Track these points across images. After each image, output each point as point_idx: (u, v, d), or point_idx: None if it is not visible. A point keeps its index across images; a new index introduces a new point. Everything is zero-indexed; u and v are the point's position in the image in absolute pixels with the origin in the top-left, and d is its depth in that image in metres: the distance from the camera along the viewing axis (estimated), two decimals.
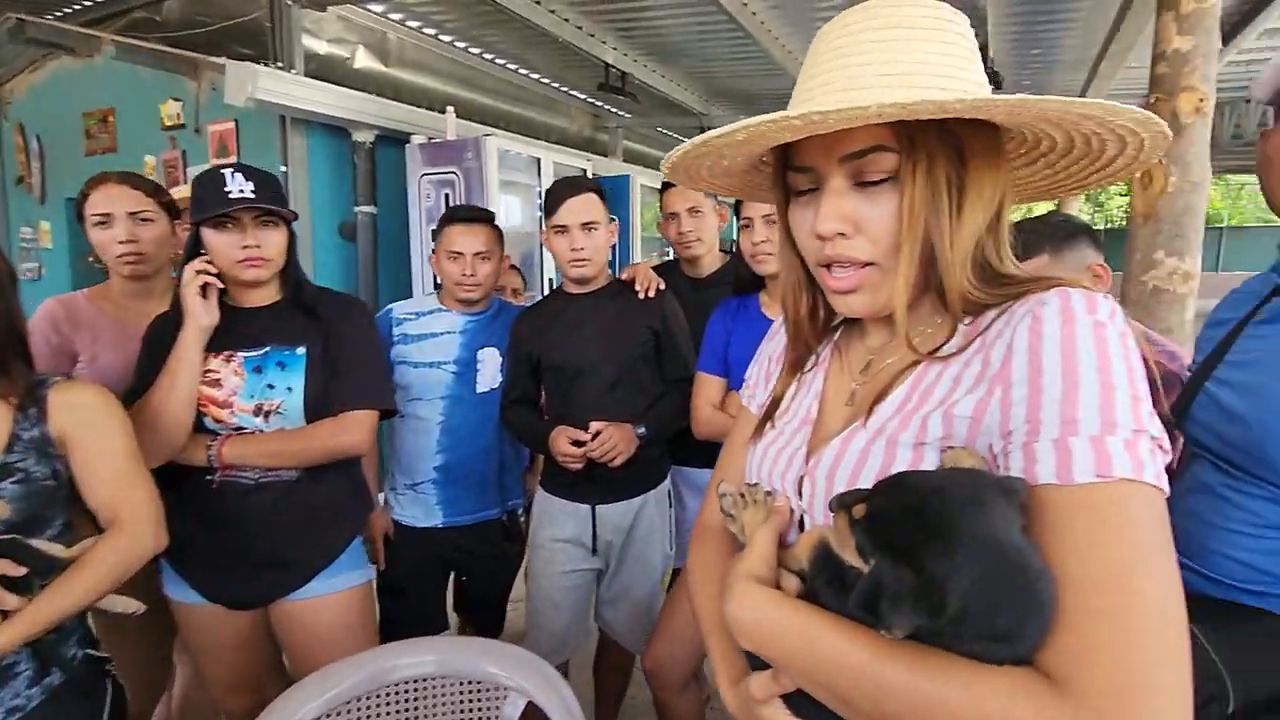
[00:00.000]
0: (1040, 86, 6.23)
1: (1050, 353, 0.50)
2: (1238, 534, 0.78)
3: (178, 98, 3.65)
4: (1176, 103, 1.76)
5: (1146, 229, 1.81)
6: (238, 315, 1.33)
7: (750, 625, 0.56)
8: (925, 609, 0.44)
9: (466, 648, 1.17)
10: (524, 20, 4.05)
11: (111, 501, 1.02)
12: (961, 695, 0.44)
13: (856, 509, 0.49)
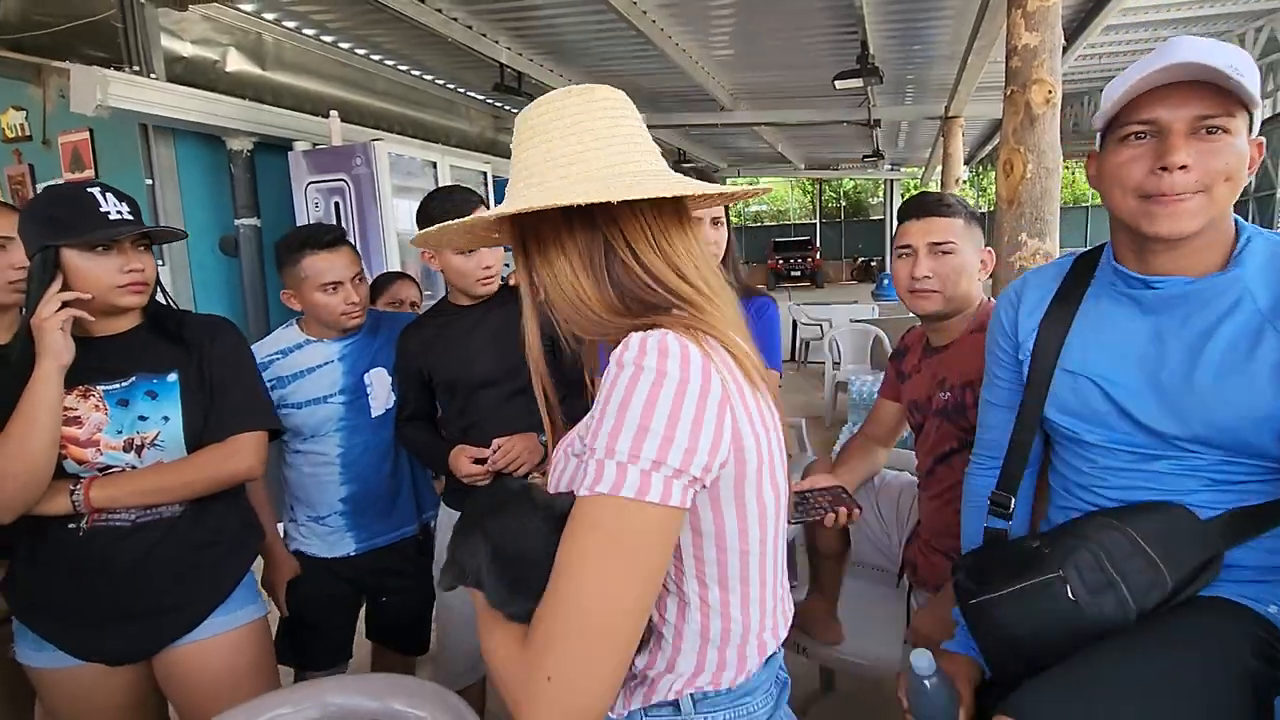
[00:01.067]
0: (922, 80, 6.61)
1: (606, 388, 0.63)
2: None
3: (20, 106, 3.31)
4: (1030, 94, 1.89)
5: (1010, 213, 1.94)
6: (90, 346, 1.20)
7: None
8: (456, 575, 0.67)
9: (358, 686, 1.11)
10: (410, 20, 3.91)
11: None
12: (501, 652, 0.64)
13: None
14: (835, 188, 26.19)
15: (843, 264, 23.44)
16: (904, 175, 17.14)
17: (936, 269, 1.30)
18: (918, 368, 1.44)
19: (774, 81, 6.38)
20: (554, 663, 0.58)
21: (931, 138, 10.04)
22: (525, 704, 0.59)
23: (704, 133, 9.24)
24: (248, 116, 3.23)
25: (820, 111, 7.33)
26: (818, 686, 2.26)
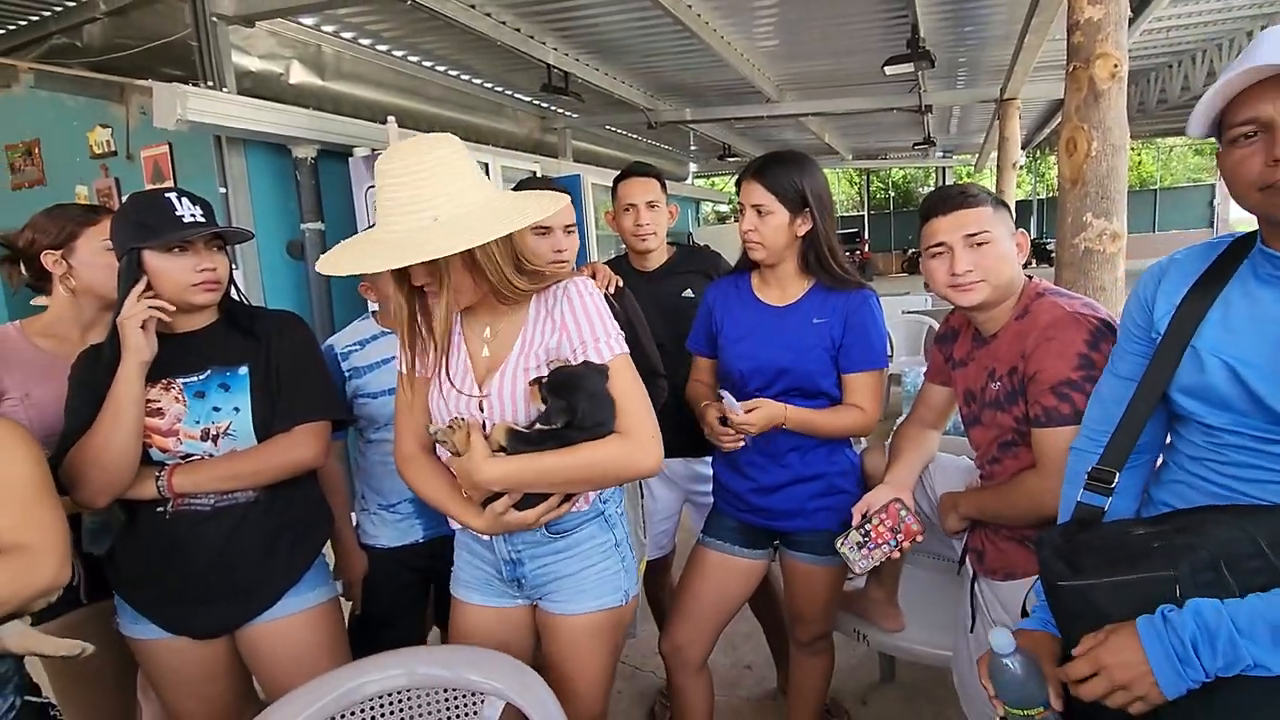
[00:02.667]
0: (975, 62, 6.42)
1: (579, 309, 1.16)
2: None
3: (106, 124, 3.53)
4: (1093, 69, 1.83)
5: (1074, 193, 1.88)
6: (171, 341, 1.29)
7: (501, 477, 1.10)
8: (568, 415, 1.08)
9: (436, 656, 1.17)
10: (461, 25, 4.01)
11: (13, 532, 0.96)
12: (597, 452, 1.10)
13: (538, 382, 1.11)
14: (883, 178, 25.59)
15: (892, 256, 22.88)
16: (956, 162, 16.61)
17: (978, 261, 1.26)
18: (971, 356, 1.40)
19: (821, 70, 6.30)
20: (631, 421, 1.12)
21: (985, 122, 9.72)
22: (641, 443, 1.12)
23: (748, 126, 9.17)
24: (311, 126, 3.37)
25: (869, 99, 7.19)
26: (878, 676, 2.24)
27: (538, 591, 1.26)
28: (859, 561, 1.38)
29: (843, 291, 1.52)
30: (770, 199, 1.47)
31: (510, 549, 1.23)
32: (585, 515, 1.24)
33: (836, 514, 1.53)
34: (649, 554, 2.06)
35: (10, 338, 1.50)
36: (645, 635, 2.39)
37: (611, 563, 1.26)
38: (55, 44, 3.84)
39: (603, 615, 1.25)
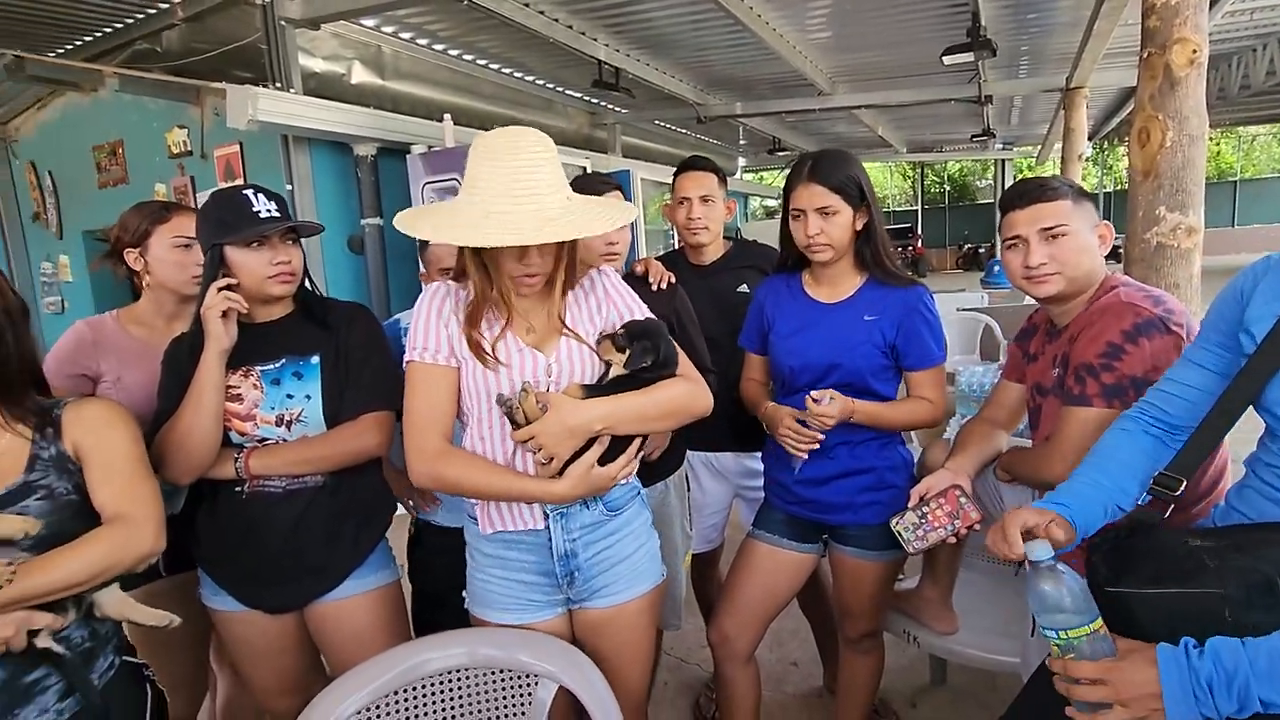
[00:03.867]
0: (1039, 50, 6.17)
1: (617, 285, 1.29)
2: None
3: (183, 125, 3.73)
4: (1170, 56, 1.74)
5: (1146, 185, 1.80)
6: (251, 331, 1.36)
7: (604, 414, 1.14)
8: (654, 355, 1.18)
9: (497, 638, 1.21)
10: (515, 24, 4.08)
11: (115, 502, 1.05)
12: (674, 388, 1.20)
13: (610, 336, 1.21)
14: (938, 171, 24.83)
15: (946, 251, 22.21)
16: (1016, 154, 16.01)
17: (1054, 254, 1.26)
18: (1042, 349, 1.39)
19: (875, 62, 6.16)
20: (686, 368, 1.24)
21: (1049, 112, 9.34)
22: (699, 382, 1.23)
23: (799, 119, 9.04)
24: (372, 124, 3.48)
25: (925, 90, 6.99)
26: (928, 678, 2.21)
27: (587, 588, 1.25)
28: (913, 542, 1.36)
29: (895, 289, 1.50)
30: (835, 199, 1.45)
31: (567, 538, 1.22)
32: (629, 491, 1.29)
33: (887, 509, 1.51)
34: (696, 547, 2.07)
35: (107, 326, 1.61)
36: (691, 628, 2.41)
37: (654, 541, 1.33)
38: (137, 49, 4.05)
39: (653, 593, 1.31)
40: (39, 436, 1.03)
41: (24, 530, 0.97)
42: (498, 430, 1.19)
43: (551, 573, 1.24)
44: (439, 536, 1.77)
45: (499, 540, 1.24)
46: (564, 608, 1.28)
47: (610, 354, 1.20)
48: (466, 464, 1.17)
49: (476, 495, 1.21)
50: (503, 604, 1.25)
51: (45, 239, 4.47)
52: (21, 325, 1.03)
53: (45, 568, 0.96)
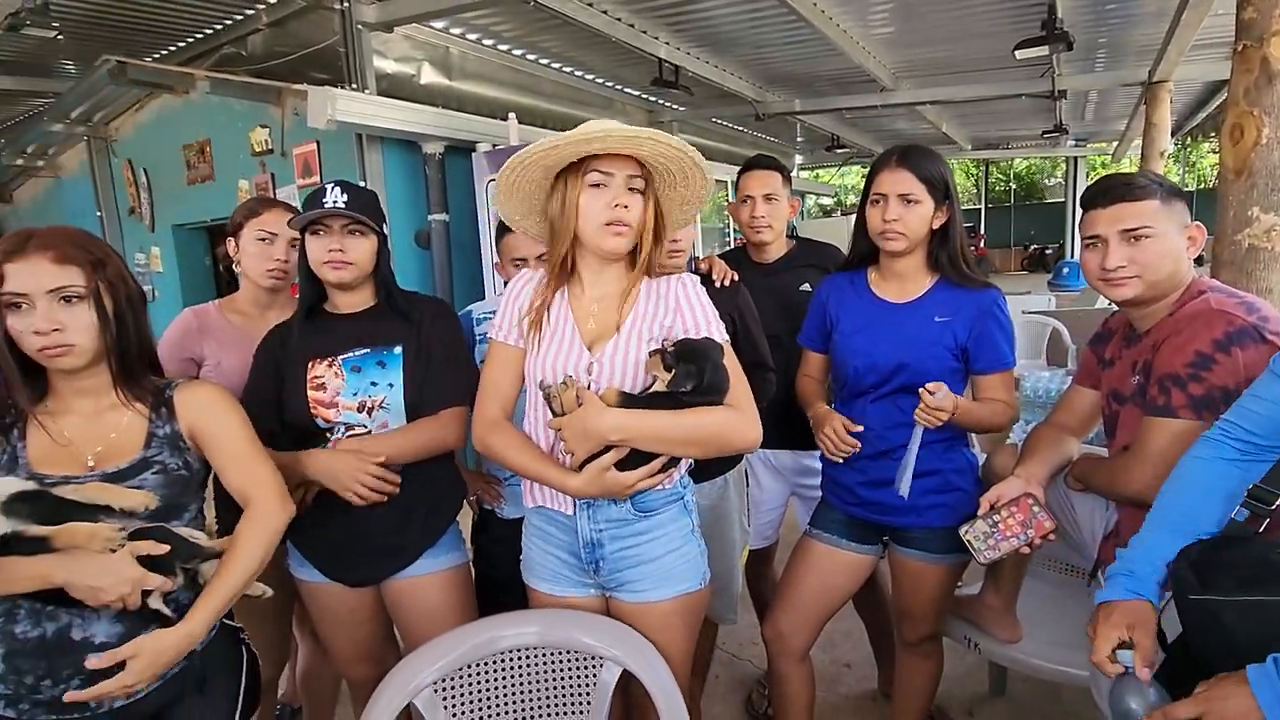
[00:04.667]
0: (1118, 42, 5.89)
1: (693, 296, 1.26)
2: None
3: (265, 124, 3.93)
4: (1268, 49, 1.66)
5: (1239, 185, 1.72)
6: (338, 322, 1.45)
7: (619, 424, 1.13)
8: (696, 380, 1.13)
9: (567, 619, 1.26)
10: (578, 23, 4.14)
11: (242, 485, 1.15)
12: (708, 416, 1.16)
13: (661, 352, 1.17)
14: (1004, 169, 23.89)
15: (1011, 252, 21.36)
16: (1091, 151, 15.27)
17: (1134, 256, 1.21)
18: (1119, 354, 1.34)
19: (941, 57, 5.99)
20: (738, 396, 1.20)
21: (1127, 107, 8.89)
22: (747, 416, 1.20)
23: (859, 116, 8.86)
24: (440, 123, 3.60)
25: (994, 85, 6.76)
26: (987, 687, 2.16)
27: (613, 579, 1.27)
28: (985, 552, 1.34)
29: (968, 291, 1.48)
30: (920, 188, 1.44)
31: (593, 528, 1.24)
32: (668, 496, 1.26)
33: (951, 511, 1.50)
34: (752, 543, 2.08)
35: (210, 314, 1.74)
36: (744, 625, 2.42)
37: (691, 547, 1.30)
38: (225, 53, 4.30)
39: (685, 599, 1.27)
40: (155, 415, 1.12)
41: (145, 504, 1.06)
42: (542, 415, 1.24)
43: (579, 556, 1.28)
44: (502, 527, 1.83)
45: (541, 514, 1.31)
46: (596, 591, 1.31)
47: (656, 369, 1.17)
48: (510, 439, 1.25)
49: (512, 470, 1.28)
50: (541, 573, 1.32)
51: (139, 232, 4.78)
52: (140, 311, 1.12)
53: (228, 575, 1.07)
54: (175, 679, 1.09)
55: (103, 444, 1.07)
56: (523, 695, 1.22)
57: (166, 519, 1.08)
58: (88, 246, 1.05)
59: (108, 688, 0.97)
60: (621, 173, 1.18)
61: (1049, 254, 19.18)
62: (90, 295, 1.03)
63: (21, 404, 1.04)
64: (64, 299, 1.01)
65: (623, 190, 1.18)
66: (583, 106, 5.83)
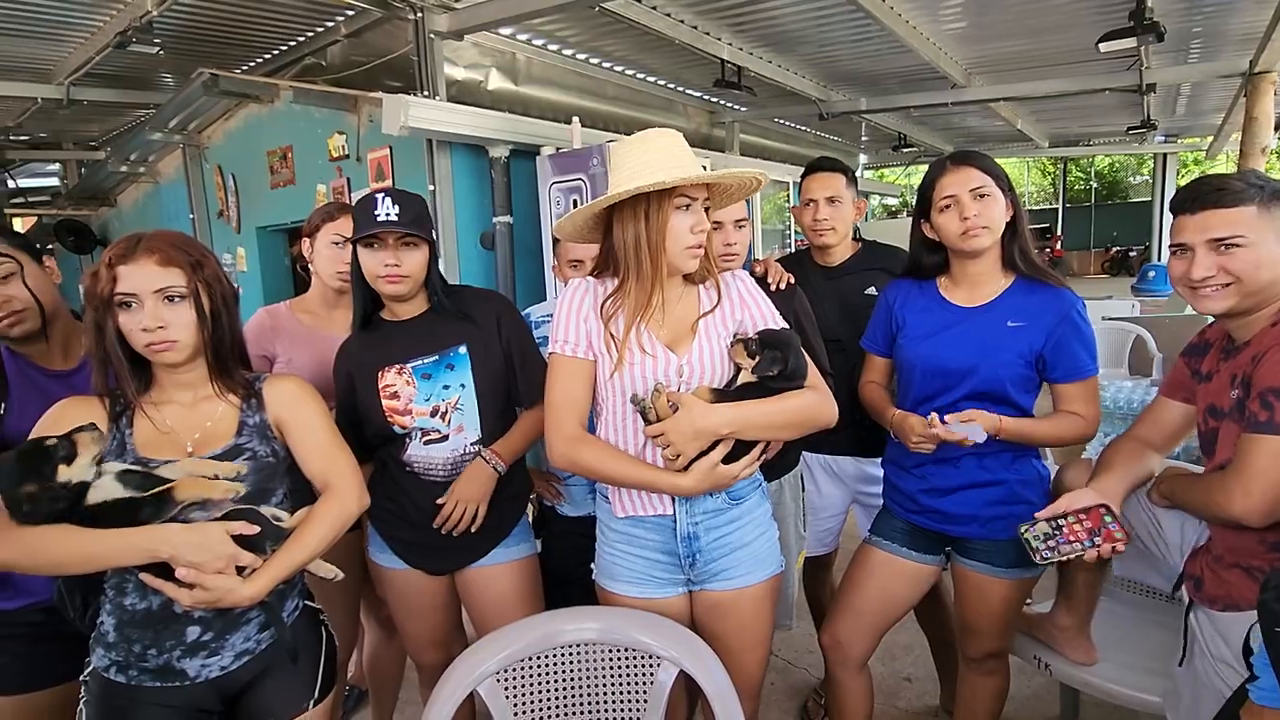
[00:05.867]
0: (1215, 32, 5.52)
1: (752, 291, 1.35)
2: None
3: (342, 131, 4.11)
4: None
5: None
6: (398, 329, 1.50)
7: (728, 419, 1.19)
8: (781, 365, 1.21)
9: (626, 618, 1.28)
10: (641, 26, 4.17)
11: (323, 472, 1.22)
12: (800, 399, 1.25)
13: (744, 342, 1.25)
14: (1083, 166, 22.71)
15: (1090, 254, 20.28)
16: (1181, 148, 14.33)
17: (1225, 265, 1.14)
18: (1216, 368, 1.26)
19: (1018, 51, 5.74)
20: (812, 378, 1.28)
21: (1225, 100, 8.31)
22: (826, 395, 1.27)
23: (927, 114, 8.58)
24: (506, 128, 3.69)
25: (1075, 80, 6.43)
26: (1057, 711, 2.07)
27: (708, 570, 1.31)
28: (1042, 551, 1.29)
29: (1045, 294, 1.43)
30: (988, 180, 1.41)
31: (690, 521, 1.29)
32: (752, 482, 1.33)
33: (1018, 524, 1.45)
34: (810, 549, 2.06)
35: (281, 314, 1.84)
36: (800, 632, 2.40)
37: (774, 531, 1.38)
38: (306, 64, 4.52)
39: (771, 581, 1.35)
40: (246, 406, 1.20)
41: (238, 471, 1.13)
42: (629, 422, 1.26)
43: (675, 553, 1.31)
44: (561, 523, 1.88)
45: (628, 521, 1.32)
46: (685, 588, 1.34)
47: (741, 358, 1.25)
48: (600, 451, 1.26)
49: (608, 481, 1.29)
50: (627, 578, 1.34)
51: (227, 233, 5.08)
52: (233, 309, 1.20)
53: (294, 548, 1.13)
54: (265, 653, 1.16)
55: (200, 431, 1.15)
56: (581, 689, 1.25)
57: (255, 503, 1.15)
58: (188, 249, 1.13)
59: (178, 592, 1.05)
60: (701, 196, 1.24)
61: (1133, 256, 18.12)
62: (190, 295, 1.11)
63: (129, 395, 1.13)
64: (168, 298, 1.09)
65: (702, 213, 1.23)
66: (644, 109, 5.86)
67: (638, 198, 1.20)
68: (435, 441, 1.47)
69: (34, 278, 1.32)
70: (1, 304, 1.27)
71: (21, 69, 4.55)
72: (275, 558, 1.11)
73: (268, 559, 1.11)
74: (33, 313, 1.31)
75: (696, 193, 1.22)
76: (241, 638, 1.14)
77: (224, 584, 1.05)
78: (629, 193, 1.18)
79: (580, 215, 1.27)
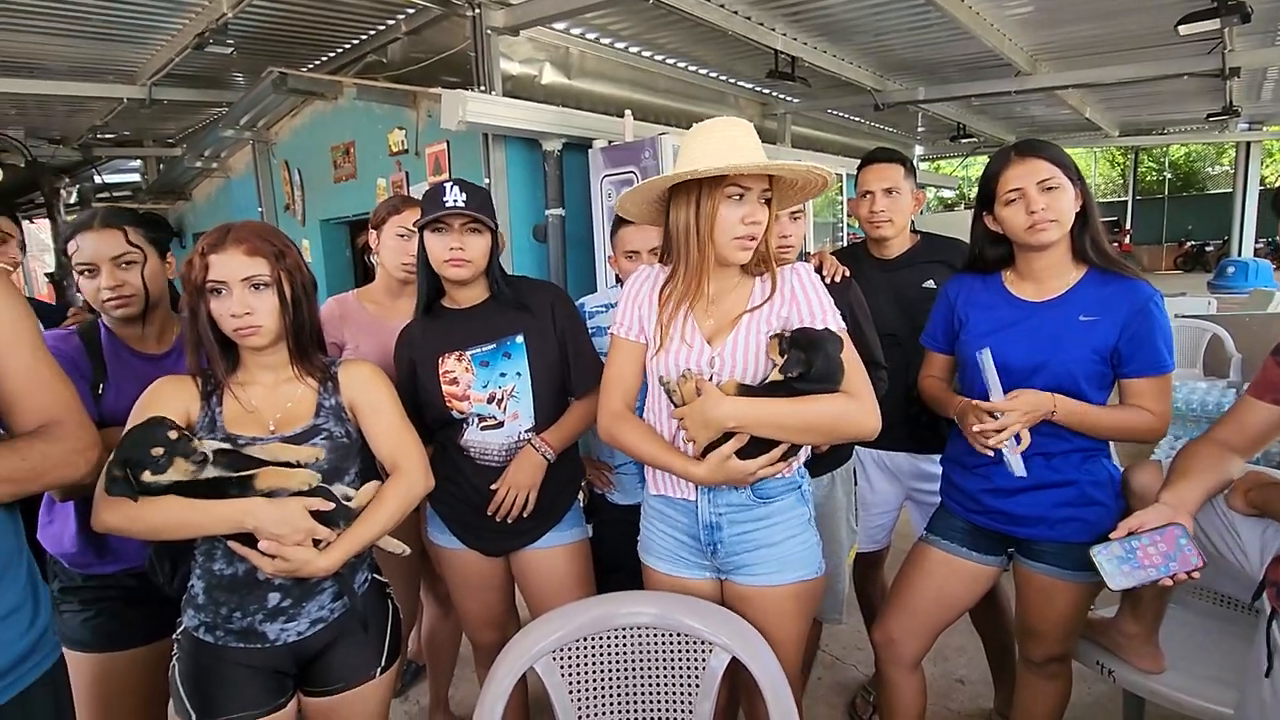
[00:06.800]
0: None
1: (808, 286, 1.30)
2: None
3: (402, 126, 4.24)
4: None
5: None
6: (459, 316, 1.54)
7: (736, 413, 1.18)
8: (803, 367, 1.17)
9: (681, 604, 1.30)
10: (694, 18, 4.15)
11: (392, 454, 1.27)
12: (824, 404, 1.20)
13: (780, 337, 1.23)
14: (1156, 156, 21.54)
15: (1162, 249, 19.24)
16: (1267, 136, 13.43)
17: None
18: None
19: (1087, 36, 5.49)
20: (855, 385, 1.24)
21: None
22: (865, 405, 1.22)
23: (988, 103, 8.28)
24: (560, 121, 3.74)
25: (1150, 65, 6.11)
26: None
27: (730, 562, 1.31)
28: (1115, 577, 1.23)
29: (1119, 285, 1.38)
30: (1056, 172, 1.37)
31: (713, 511, 1.30)
32: (786, 484, 1.31)
33: (1088, 527, 1.40)
34: (862, 545, 2.04)
35: (349, 303, 1.91)
36: (849, 628, 2.38)
37: (808, 535, 1.34)
38: (369, 61, 4.66)
39: (802, 586, 1.32)
40: (323, 389, 1.26)
41: (315, 456, 1.20)
42: (664, 407, 1.29)
43: (698, 538, 1.33)
44: (612, 511, 1.91)
45: (662, 499, 1.37)
46: (712, 574, 1.36)
47: (774, 354, 1.23)
48: (635, 430, 1.30)
49: (640, 460, 1.33)
50: (659, 553, 1.39)
51: (293, 226, 5.29)
52: (312, 297, 1.26)
53: (366, 524, 1.19)
54: (337, 621, 1.23)
55: (281, 411, 1.22)
56: (634, 671, 1.28)
57: (329, 481, 1.21)
58: (271, 240, 1.20)
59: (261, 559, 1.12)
60: (757, 187, 1.22)
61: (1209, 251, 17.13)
62: (274, 283, 1.17)
63: (219, 375, 1.21)
64: (253, 286, 1.16)
65: (756, 205, 1.22)
66: (696, 101, 5.84)
67: (691, 184, 1.21)
68: (491, 428, 1.52)
69: (152, 270, 1.42)
70: (115, 287, 1.37)
71: (110, 71, 4.83)
72: (349, 533, 1.17)
73: (341, 533, 1.16)
74: (138, 300, 1.40)
75: (751, 184, 1.21)
76: (316, 606, 1.21)
77: (302, 555, 1.11)
78: (680, 176, 1.19)
79: (639, 193, 1.29)
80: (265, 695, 1.19)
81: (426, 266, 1.51)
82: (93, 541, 1.35)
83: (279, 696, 1.21)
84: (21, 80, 4.72)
